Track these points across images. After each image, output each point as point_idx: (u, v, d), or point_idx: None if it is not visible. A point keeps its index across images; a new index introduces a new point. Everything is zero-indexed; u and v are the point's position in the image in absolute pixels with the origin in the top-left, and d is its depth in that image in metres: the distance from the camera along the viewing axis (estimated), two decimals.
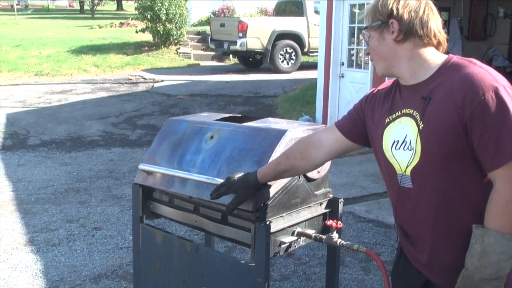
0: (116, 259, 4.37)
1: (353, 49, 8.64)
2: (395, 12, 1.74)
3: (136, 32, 17.52)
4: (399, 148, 1.82)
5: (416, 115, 1.76)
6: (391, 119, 1.87)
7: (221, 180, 2.28)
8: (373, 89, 2.03)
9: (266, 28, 14.65)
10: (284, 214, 2.42)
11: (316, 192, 2.58)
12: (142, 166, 2.66)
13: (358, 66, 8.62)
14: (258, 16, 19.12)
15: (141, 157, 7.46)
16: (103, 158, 7.41)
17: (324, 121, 8.75)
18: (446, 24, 9.25)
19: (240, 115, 2.96)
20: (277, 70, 14.68)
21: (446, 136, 1.67)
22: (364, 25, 1.86)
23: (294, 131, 2.40)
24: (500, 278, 1.65)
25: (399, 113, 1.84)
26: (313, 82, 11.67)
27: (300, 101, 10.84)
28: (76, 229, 4.93)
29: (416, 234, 1.88)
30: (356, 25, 8.39)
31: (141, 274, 2.88)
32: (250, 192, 2.20)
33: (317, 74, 9.08)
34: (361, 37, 8.12)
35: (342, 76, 8.67)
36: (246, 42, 14.27)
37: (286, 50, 14.86)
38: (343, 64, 8.71)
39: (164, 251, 2.74)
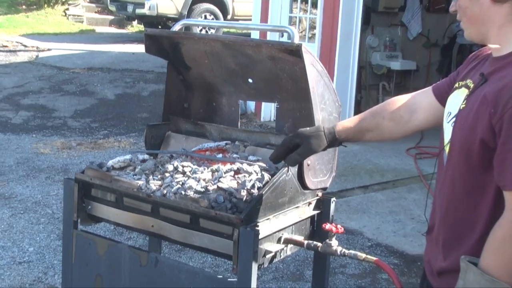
0: (14, 277, 4.16)
1: (295, 17, 8.70)
2: None
3: None
4: (449, 122, 1.86)
5: (469, 91, 1.79)
6: (458, 85, 1.90)
7: None
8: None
9: None
10: (270, 217, 2.38)
11: (304, 190, 2.56)
12: None
13: (302, 38, 8.69)
14: None
15: (30, 146, 7.14)
16: None
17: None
18: None
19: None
20: None
21: (473, 124, 1.68)
22: None
23: None
24: None
25: (464, 82, 1.86)
26: None
27: None
28: None
29: (433, 225, 1.92)
30: None
31: None
32: (322, 142, 2.15)
33: None
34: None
35: None
36: (157, 5, 14.06)
37: (206, 16, 14.77)
38: (282, 35, 8.74)
39: (109, 265, 2.62)
